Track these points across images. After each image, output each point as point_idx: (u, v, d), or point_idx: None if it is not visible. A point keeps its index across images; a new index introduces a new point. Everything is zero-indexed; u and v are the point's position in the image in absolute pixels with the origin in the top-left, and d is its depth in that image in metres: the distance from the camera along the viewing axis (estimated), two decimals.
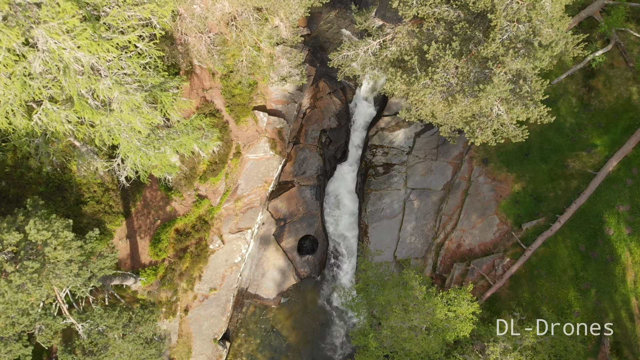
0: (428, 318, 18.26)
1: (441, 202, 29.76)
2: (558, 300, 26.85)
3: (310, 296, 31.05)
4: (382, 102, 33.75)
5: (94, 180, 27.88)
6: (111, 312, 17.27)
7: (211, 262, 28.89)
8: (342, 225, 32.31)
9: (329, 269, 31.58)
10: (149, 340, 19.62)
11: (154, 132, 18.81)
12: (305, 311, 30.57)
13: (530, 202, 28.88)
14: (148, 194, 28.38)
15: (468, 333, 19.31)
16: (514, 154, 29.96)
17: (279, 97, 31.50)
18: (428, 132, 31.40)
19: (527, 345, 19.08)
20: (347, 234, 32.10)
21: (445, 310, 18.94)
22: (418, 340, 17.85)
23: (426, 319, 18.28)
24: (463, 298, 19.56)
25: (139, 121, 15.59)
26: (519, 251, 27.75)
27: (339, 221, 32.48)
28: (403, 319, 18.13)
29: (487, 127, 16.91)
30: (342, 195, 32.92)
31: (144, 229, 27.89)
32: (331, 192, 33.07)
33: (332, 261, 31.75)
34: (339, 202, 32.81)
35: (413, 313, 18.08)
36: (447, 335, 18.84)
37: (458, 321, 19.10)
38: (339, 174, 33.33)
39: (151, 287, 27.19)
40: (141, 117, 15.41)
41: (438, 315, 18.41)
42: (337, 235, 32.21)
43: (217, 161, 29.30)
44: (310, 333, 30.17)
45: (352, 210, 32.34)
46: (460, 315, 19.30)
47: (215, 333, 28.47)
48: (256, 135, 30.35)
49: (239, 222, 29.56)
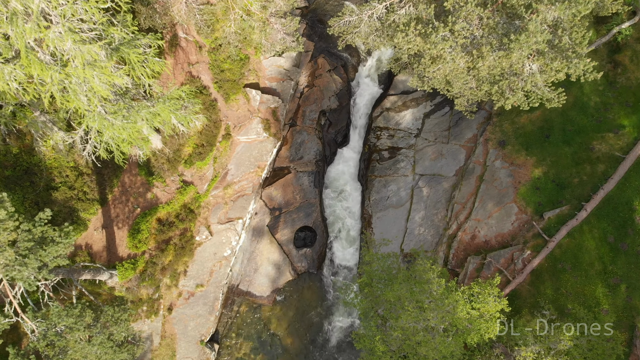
0: (447, 317, 15.75)
1: (453, 190, 27.28)
2: (584, 297, 24.43)
3: (308, 293, 28.57)
4: (388, 80, 31.23)
5: (66, 163, 25.37)
6: (71, 310, 14.80)
7: (198, 255, 26.39)
8: (343, 216, 29.80)
9: (328, 264, 29.10)
10: (120, 344, 17.10)
11: (122, 98, 16.20)
12: (303, 310, 28.07)
13: (552, 189, 26.52)
14: (127, 180, 25.86)
15: (494, 335, 16.82)
16: (533, 136, 27.58)
17: (273, 73, 28.97)
18: (438, 112, 28.90)
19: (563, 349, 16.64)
20: (348, 225, 29.61)
21: (467, 308, 16.45)
22: (436, 343, 15.35)
23: (445, 319, 15.77)
24: (489, 293, 17.05)
25: (98, 78, 13.03)
26: (540, 243, 25.35)
27: (339, 211, 29.98)
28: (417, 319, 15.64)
29: (518, 88, 14.43)
30: (344, 182, 30.43)
31: (122, 218, 25.38)
32: (331, 179, 30.58)
33: (332, 255, 29.26)
34: (339, 189, 30.31)
35: (429, 311, 15.57)
36: (469, 338, 16.35)
37: (482, 321, 16.60)
38: (339, 159, 30.85)
39: (130, 283, 24.68)
40: (100, 72, 12.86)
41: (460, 314, 15.92)
42: (338, 227, 29.71)
43: (204, 143, 26.78)
44: (308, 334, 27.67)
45: (354, 199, 29.85)
46: (484, 314, 16.81)
47: (202, 334, 26.00)
48: (248, 115, 27.82)
49: (228, 212, 27.06)
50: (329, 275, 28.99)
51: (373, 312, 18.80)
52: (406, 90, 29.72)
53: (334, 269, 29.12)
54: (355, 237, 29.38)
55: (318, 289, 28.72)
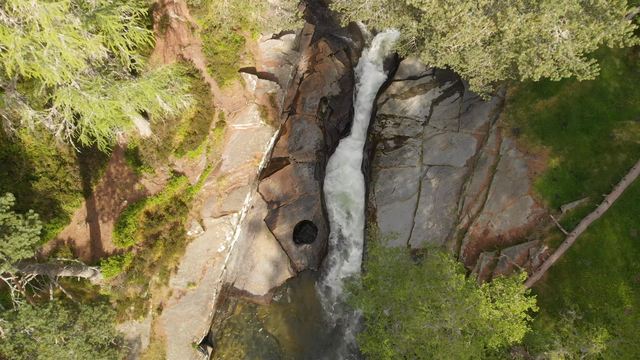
0: (467, 318, 14.11)
1: (464, 181, 25.73)
2: (606, 296, 22.91)
3: (308, 293, 27.00)
4: (393, 65, 29.67)
5: (48, 152, 23.80)
6: (41, 310, 13.23)
7: (189, 251, 24.82)
8: (345, 209, 28.22)
9: (330, 261, 27.53)
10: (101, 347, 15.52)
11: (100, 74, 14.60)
12: (302, 310, 26.51)
13: (570, 180, 25.05)
14: (113, 170, 24.29)
15: (520, 338, 15.21)
16: (549, 124, 26.08)
17: (270, 57, 27.39)
18: (448, 99, 27.33)
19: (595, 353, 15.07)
20: (352, 219, 28.02)
21: (490, 307, 14.83)
22: (455, 348, 13.71)
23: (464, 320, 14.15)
24: (515, 291, 15.43)
25: (65, 43, 11.44)
26: (558, 238, 23.83)
27: (342, 204, 28.40)
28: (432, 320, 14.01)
29: (548, 56, 12.87)
30: (346, 173, 28.87)
31: (108, 211, 23.81)
32: (333, 171, 29.01)
33: (334, 251, 27.69)
34: (342, 181, 28.73)
35: (447, 311, 13.94)
36: (490, 341, 14.73)
37: (506, 322, 14.98)
38: (341, 149, 29.32)
39: (115, 280, 23.12)
40: (67, 34, 11.26)
41: (481, 315, 14.31)
42: (340, 221, 28.14)
43: (197, 131, 25.20)
44: (308, 337, 26.10)
45: (357, 192, 28.29)
46: (508, 315, 15.19)
47: (195, 336, 24.44)
48: (243, 101, 26.24)
49: (222, 205, 25.48)
50: (331, 273, 27.40)
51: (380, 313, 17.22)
52: (413, 76, 28.15)
53: (336, 266, 27.54)
54: (358, 232, 27.79)
55: (319, 288, 27.15)
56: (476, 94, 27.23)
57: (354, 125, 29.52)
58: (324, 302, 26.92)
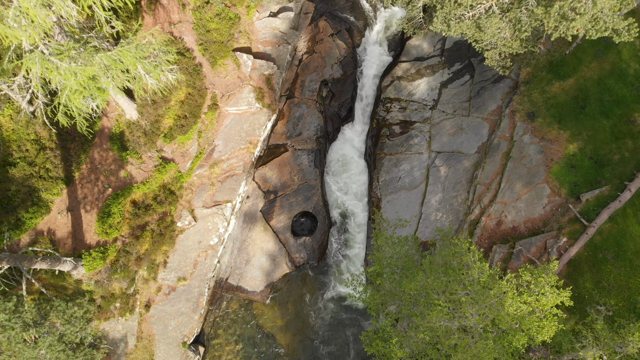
0: (492, 313, 12.51)
1: (475, 169, 24.26)
2: (629, 292, 21.48)
3: (308, 288, 25.54)
4: (399, 45, 28.15)
5: (26, 135, 22.29)
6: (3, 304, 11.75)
7: (179, 244, 23.34)
8: (348, 199, 26.73)
9: (331, 254, 26.05)
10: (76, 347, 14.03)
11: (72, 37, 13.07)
12: (301, 308, 25.04)
13: (589, 167, 23.68)
14: (96, 155, 22.78)
15: (550, 336, 13.63)
16: (567, 107, 24.67)
17: (267, 36, 25.85)
18: (457, 81, 25.83)
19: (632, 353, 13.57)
20: (354, 210, 26.53)
21: (518, 301, 13.25)
22: (477, 349, 12.07)
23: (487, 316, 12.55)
24: (546, 282, 13.88)
25: None
26: (578, 229, 22.44)
27: (343, 194, 26.91)
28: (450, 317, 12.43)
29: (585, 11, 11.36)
30: (348, 161, 27.36)
31: (91, 200, 22.31)
32: (334, 158, 27.51)
33: (336, 244, 26.20)
34: (343, 169, 27.24)
35: (468, 306, 12.34)
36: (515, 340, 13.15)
37: (535, 318, 13.40)
38: (343, 135, 27.84)
39: (99, 275, 21.63)
40: None
41: (508, 309, 12.74)
42: (342, 212, 26.65)
43: (187, 115, 23.69)
44: (308, 335, 24.62)
45: (360, 181, 26.78)
46: (536, 310, 13.62)
47: (185, 335, 22.97)
48: (238, 82, 24.72)
49: (215, 194, 23.99)
50: (332, 267, 25.92)
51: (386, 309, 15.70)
52: (420, 57, 26.64)
53: (337, 260, 26.05)
54: (361, 223, 26.30)
55: (319, 283, 25.67)
56: (488, 76, 25.75)
57: (357, 110, 28.01)
58: (325, 299, 25.46)
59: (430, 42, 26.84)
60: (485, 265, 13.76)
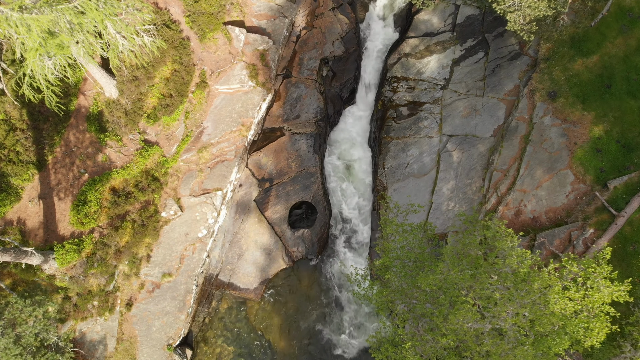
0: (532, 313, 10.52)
1: (491, 154, 22.48)
2: None
3: (306, 285, 23.75)
4: (406, 20, 26.31)
5: None
6: None
7: (164, 236, 21.52)
8: (350, 188, 24.91)
9: (331, 248, 24.23)
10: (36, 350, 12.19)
11: None
12: (299, 307, 23.28)
13: (617, 151, 22.00)
14: (72, 137, 20.91)
15: (600, 341, 11.67)
16: (591, 86, 22.91)
17: (262, 9, 23.99)
18: (470, 58, 24.03)
19: None
20: (358, 199, 24.70)
21: (565, 297, 11.30)
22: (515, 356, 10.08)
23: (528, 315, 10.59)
24: (599, 274, 11.96)
25: None
26: (606, 219, 20.70)
27: (346, 181, 25.08)
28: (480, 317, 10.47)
29: None
30: (351, 146, 25.51)
31: (65, 186, 20.45)
32: (335, 143, 25.65)
33: (336, 237, 24.40)
34: (345, 156, 25.39)
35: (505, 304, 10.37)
36: (555, 345, 11.14)
37: (583, 318, 11.45)
38: (345, 118, 25.99)
39: (74, 269, 19.80)
40: None
41: (553, 307, 10.82)
42: (344, 202, 24.81)
43: (173, 93, 21.82)
44: (305, 337, 22.84)
45: (364, 167, 24.96)
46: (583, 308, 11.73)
47: (171, 337, 21.18)
48: (229, 58, 22.84)
49: (204, 181, 22.15)
50: (333, 263, 24.10)
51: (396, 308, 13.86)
52: (430, 32, 24.78)
53: (338, 254, 24.22)
54: (365, 213, 24.47)
55: (318, 280, 23.85)
56: (504, 53, 23.93)
57: (360, 91, 26.17)
58: (324, 297, 23.65)
59: (440, 17, 24.97)
60: (527, 253, 11.85)
